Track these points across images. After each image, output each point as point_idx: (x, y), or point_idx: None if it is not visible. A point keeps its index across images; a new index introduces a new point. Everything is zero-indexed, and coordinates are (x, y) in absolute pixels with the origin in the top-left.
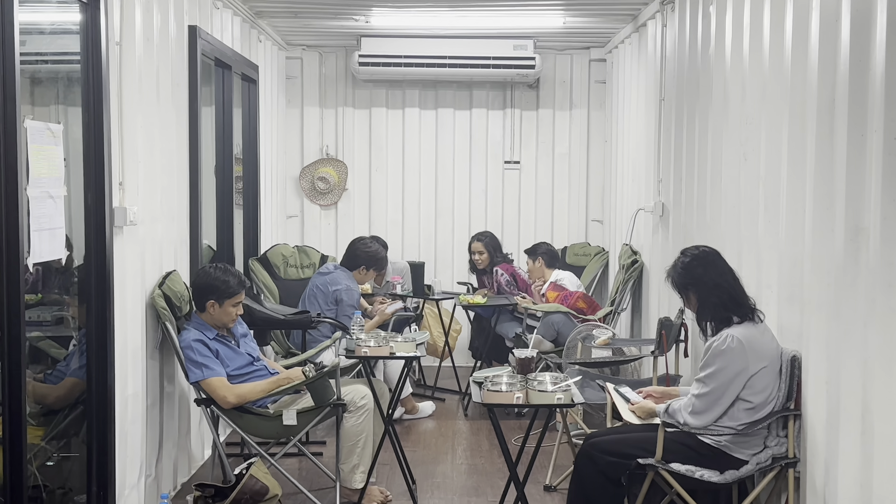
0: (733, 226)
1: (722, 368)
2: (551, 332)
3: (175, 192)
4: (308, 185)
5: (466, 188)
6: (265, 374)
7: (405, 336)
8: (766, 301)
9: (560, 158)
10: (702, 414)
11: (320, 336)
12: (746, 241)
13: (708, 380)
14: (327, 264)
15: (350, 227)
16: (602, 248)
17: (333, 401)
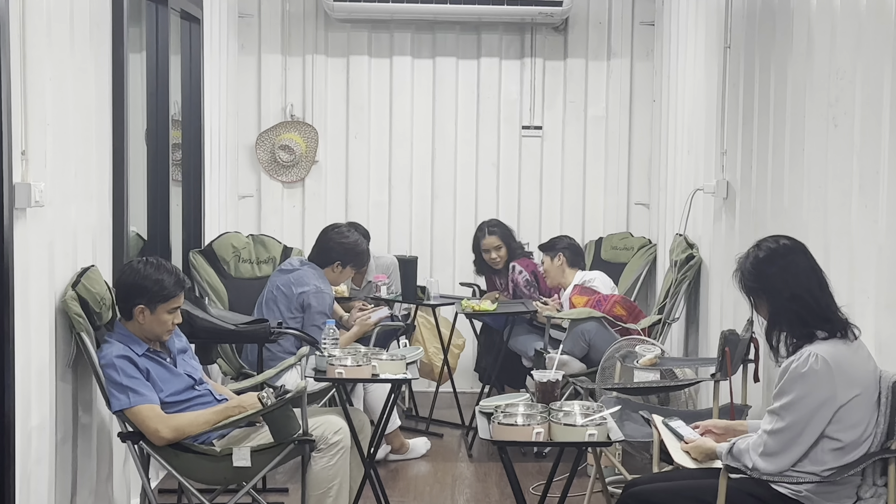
0: (818, 212)
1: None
2: (581, 347)
3: (94, 164)
4: (267, 157)
5: (472, 162)
6: (210, 400)
7: (392, 353)
8: (861, 310)
9: (594, 123)
10: (776, 456)
11: (282, 352)
12: (835, 233)
13: (784, 412)
14: (291, 259)
15: (321, 210)
16: (648, 240)
17: (298, 436)
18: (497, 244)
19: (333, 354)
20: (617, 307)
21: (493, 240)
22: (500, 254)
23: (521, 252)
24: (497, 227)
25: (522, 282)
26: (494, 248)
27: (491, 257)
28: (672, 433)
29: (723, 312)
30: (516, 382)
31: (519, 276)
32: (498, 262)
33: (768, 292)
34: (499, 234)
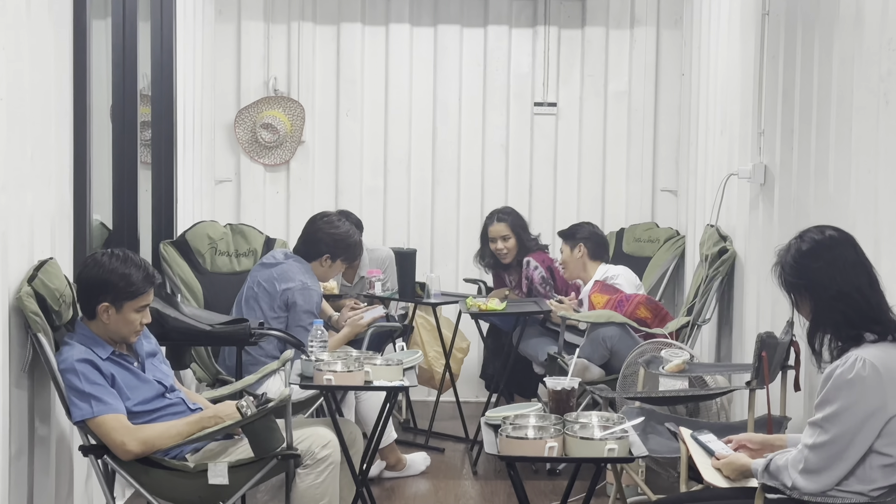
0: (867, 200)
1: (848, 407)
2: (601, 354)
3: (53, 144)
4: (247, 136)
5: (478, 142)
6: (183, 410)
7: (387, 357)
8: None
9: (616, 100)
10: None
11: (263, 356)
12: (887, 223)
13: (828, 423)
14: (274, 252)
15: (308, 197)
16: (676, 232)
17: (282, 450)
18: (505, 233)
19: (321, 359)
20: (641, 309)
21: (501, 228)
22: (508, 245)
23: (535, 246)
24: (509, 216)
25: (538, 279)
26: (501, 238)
27: (497, 247)
28: (702, 448)
29: (759, 313)
30: (527, 391)
31: (534, 272)
32: (504, 255)
33: (812, 289)
34: (509, 223)
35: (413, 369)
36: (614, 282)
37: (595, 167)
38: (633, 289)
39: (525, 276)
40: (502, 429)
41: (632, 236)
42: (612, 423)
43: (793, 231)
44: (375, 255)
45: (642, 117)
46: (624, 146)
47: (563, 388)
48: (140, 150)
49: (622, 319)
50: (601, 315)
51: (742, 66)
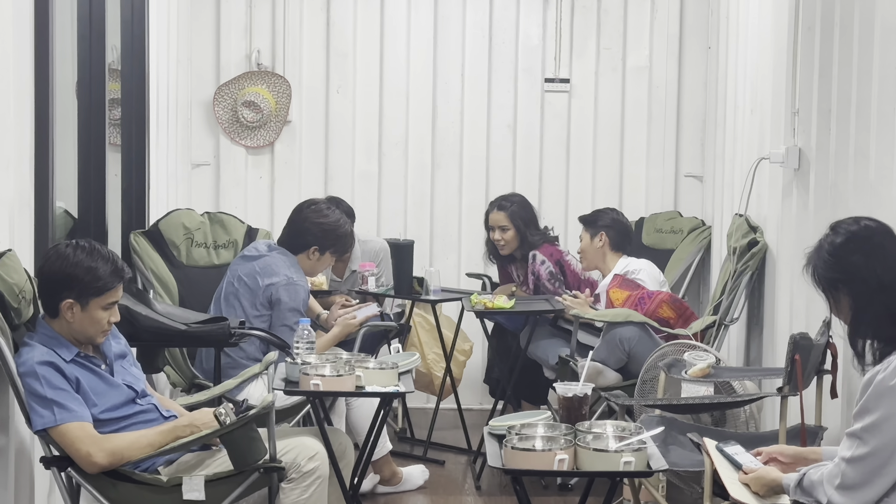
0: None
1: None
2: (618, 357)
3: (11, 124)
4: (227, 116)
5: (483, 123)
6: (155, 417)
7: (381, 360)
8: None
9: (635, 75)
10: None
11: (244, 358)
12: None
13: (867, 434)
14: (257, 243)
15: (294, 183)
16: (701, 222)
17: (264, 462)
18: (503, 224)
19: (308, 362)
20: (664, 307)
21: (500, 217)
22: (506, 237)
23: (539, 240)
24: (512, 205)
25: (545, 274)
26: (499, 229)
27: (494, 237)
28: (728, 461)
29: (793, 312)
30: (536, 397)
31: (541, 267)
32: (502, 247)
33: (850, 284)
34: (509, 212)
35: (410, 373)
36: (636, 277)
37: (612, 150)
38: (657, 285)
39: (531, 272)
40: (507, 439)
41: (652, 226)
42: (628, 434)
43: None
44: (369, 248)
45: (664, 95)
46: (644, 127)
47: (574, 395)
48: (108, 130)
49: (642, 319)
50: (619, 314)
51: (775, 39)
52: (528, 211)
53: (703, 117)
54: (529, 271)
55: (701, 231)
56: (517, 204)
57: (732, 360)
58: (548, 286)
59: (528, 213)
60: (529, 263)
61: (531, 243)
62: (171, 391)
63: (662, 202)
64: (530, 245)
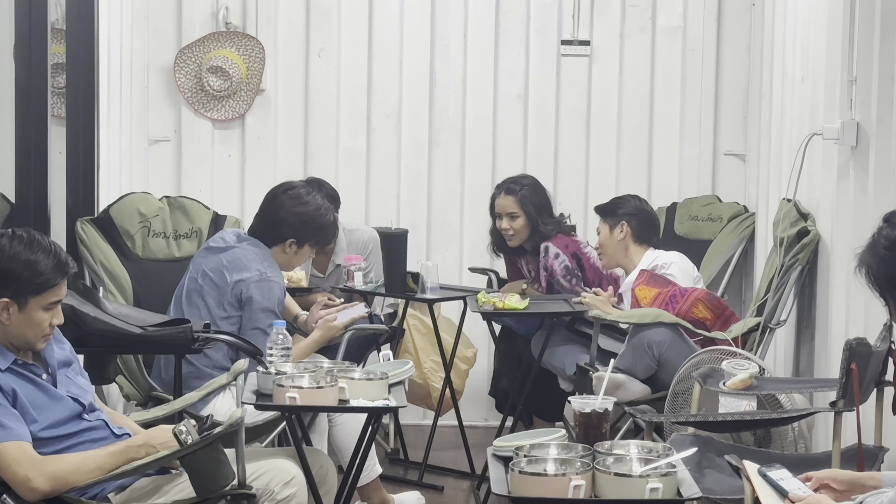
0: None
1: None
2: (646, 364)
3: None
4: (191, 83)
5: (489, 91)
6: (105, 436)
7: (370, 369)
8: None
9: (666, 37)
10: None
11: (209, 367)
12: None
13: None
14: (224, 233)
15: (268, 162)
16: (743, 208)
17: (232, 488)
18: (512, 210)
19: (284, 371)
20: (699, 307)
21: (508, 203)
22: (515, 225)
23: (553, 230)
24: (522, 189)
25: (560, 270)
26: (508, 216)
27: (502, 226)
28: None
29: (849, 313)
30: (549, 413)
31: (554, 261)
32: (511, 236)
33: None
34: (518, 196)
35: (403, 385)
36: (666, 271)
37: (639, 125)
38: (690, 281)
39: (543, 267)
40: (515, 462)
41: (686, 213)
42: (656, 456)
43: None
44: (355, 238)
45: (701, 60)
46: (677, 97)
47: (594, 410)
48: (51, 100)
49: (674, 320)
50: (647, 314)
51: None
52: (541, 195)
53: (746, 86)
54: (541, 266)
55: (743, 219)
56: (528, 187)
57: (779, 369)
58: (563, 283)
59: (541, 197)
60: (541, 257)
61: (543, 233)
62: (123, 405)
63: (698, 185)
64: (542, 236)
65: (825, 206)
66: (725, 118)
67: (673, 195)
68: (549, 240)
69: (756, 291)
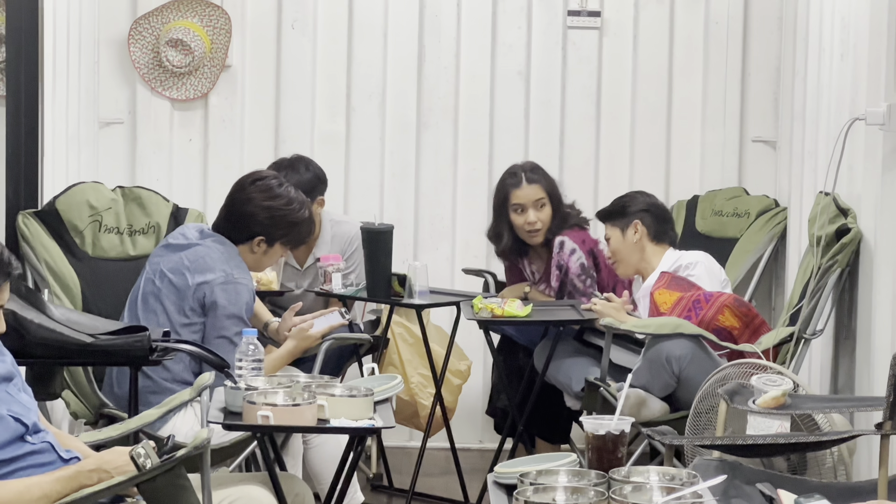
0: None
1: None
2: (665, 381)
3: None
4: (147, 58)
5: (485, 69)
6: (51, 460)
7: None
8: None
9: (687, 6)
10: None
11: (169, 381)
12: None
13: None
14: (185, 228)
15: (235, 148)
16: (774, 202)
17: None
18: (539, 197)
19: (255, 386)
20: (725, 314)
21: (535, 191)
22: (542, 216)
23: (573, 219)
24: (542, 175)
25: (576, 268)
26: (534, 205)
27: (528, 220)
28: None
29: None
30: (555, 434)
31: (570, 257)
32: (537, 232)
33: None
34: (543, 183)
35: (389, 402)
36: (689, 273)
37: (656, 106)
38: (717, 284)
39: (556, 265)
40: (520, 490)
41: (709, 208)
42: (679, 484)
43: None
44: (341, 231)
45: (726, 33)
46: (698, 75)
47: (608, 433)
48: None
49: (696, 330)
50: (666, 324)
51: None
52: (554, 181)
53: (778, 63)
54: (554, 263)
55: (773, 214)
56: (544, 172)
57: (815, 385)
58: (577, 283)
59: (554, 183)
60: (555, 253)
61: (565, 216)
62: (70, 424)
63: (723, 176)
64: (564, 220)
65: (868, 201)
66: (754, 100)
67: (694, 187)
68: (566, 232)
69: (789, 297)
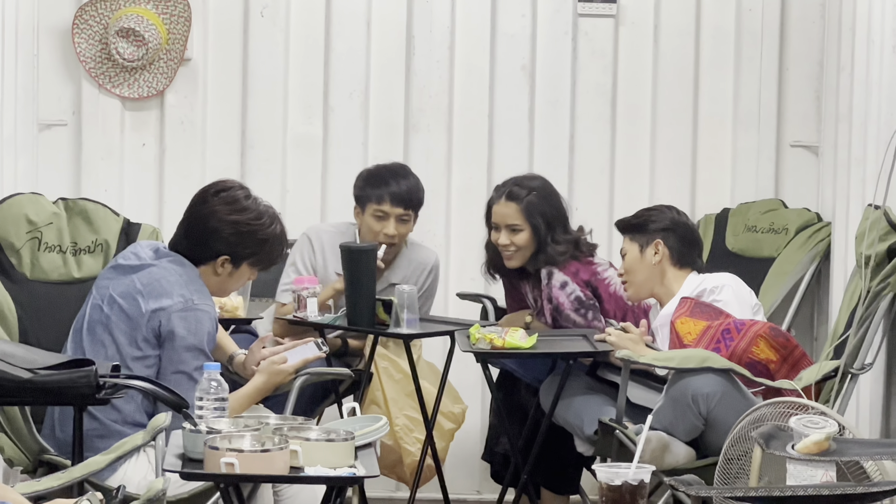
0: None
1: None
2: (690, 422)
3: None
4: (94, 51)
5: (484, 63)
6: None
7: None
8: None
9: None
10: None
11: (119, 423)
12: None
13: None
14: (138, 247)
15: (196, 152)
16: (815, 216)
17: None
18: (514, 222)
19: (217, 429)
20: (760, 345)
21: (509, 211)
22: (517, 240)
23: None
24: (528, 193)
25: (570, 304)
26: (508, 229)
27: (499, 241)
28: None
29: None
30: (563, 484)
31: (560, 291)
32: (510, 255)
33: None
34: (524, 204)
35: (372, 447)
36: (715, 297)
37: (680, 106)
38: (748, 311)
39: (547, 298)
40: None
41: (742, 223)
42: None
43: None
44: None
45: (760, 23)
46: (729, 71)
47: (625, 483)
48: None
49: (726, 364)
50: (691, 356)
51: None
52: (552, 202)
53: (820, 58)
54: (544, 296)
55: (815, 230)
56: (537, 192)
57: (863, 428)
58: (576, 319)
59: (552, 205)
60: (543, 285)
61: (550, 255)
62: (4, 472)
63: (757, 186)
64: (548, 258)
65: None
66: (793, 99)
67: (724, 199)
68: (556, 264)
69: (833, 326)
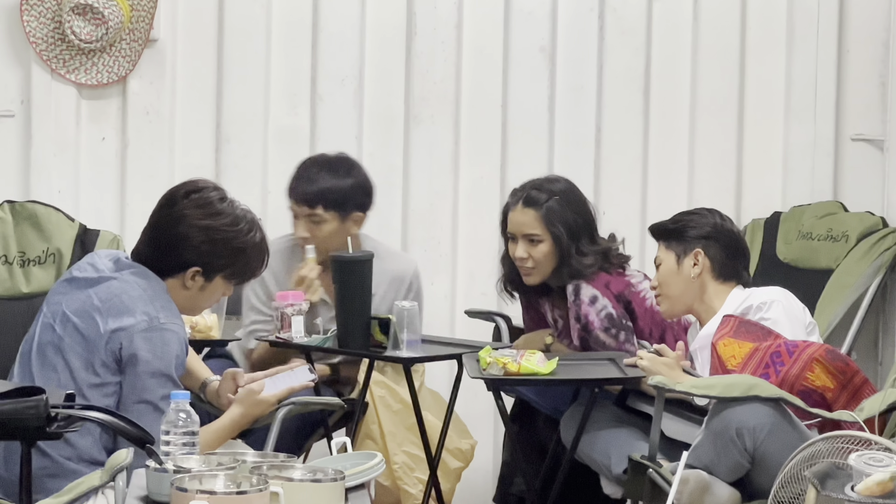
0: None
1: None
2: (733, 456)
3: None
4: (45, 29)
5: (497, 44)
6: None
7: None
8: None
9: None
10: None
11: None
12: None
13: None
14: (95, 257)
15: (162, 147)
16: (881, 221)
17: None
18: (532, 231)
19: (186, 468)
20: (816, 370)
21: (527, 219)
22: (535, 253)
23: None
24: (549, 198)
25: (599, 321)
26: (525, 239)
27: (518, 256)
28: None
29: None
30: None
31: (590, 307)
32: (529, 270)
33: None
34: (543, 211)
35: (365, 489)
36: (763, 315)
37: (724, 95)
38: (801, 331)
39: (575, 317)
40: None
41: (795, 229)
42: None
43: None
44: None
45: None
46: (781, 55)
47: None
48: None
49: (775, 393)
50: (736, 384)
51: None
52: (577, 209)
53: (886, 41)
54: (571, 315)
55: (880, 237)
56: (559, 196)
57: None
58: (606, 340)
59: (577, 212)
60: (570, 302)
61: (575, 269)
62: None
63: (813, 187)
64: (573, 272)
65: None
66: (854, 87)
67: (774, 202)
68: (584, 278)
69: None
